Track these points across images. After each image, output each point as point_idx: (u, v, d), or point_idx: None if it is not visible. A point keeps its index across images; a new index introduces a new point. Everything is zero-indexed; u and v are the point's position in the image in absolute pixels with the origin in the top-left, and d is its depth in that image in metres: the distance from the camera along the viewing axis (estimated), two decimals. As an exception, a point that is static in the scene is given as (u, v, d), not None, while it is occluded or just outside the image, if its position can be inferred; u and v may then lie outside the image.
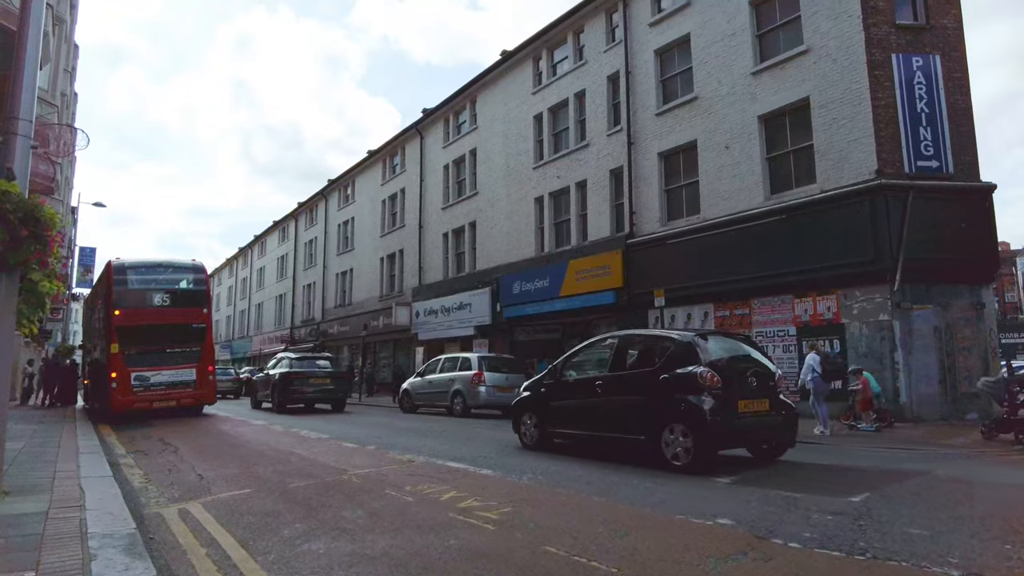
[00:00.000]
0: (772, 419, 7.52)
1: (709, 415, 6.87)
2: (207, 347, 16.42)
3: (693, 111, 17.27)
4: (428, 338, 27.42)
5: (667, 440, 7.21)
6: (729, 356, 7.72)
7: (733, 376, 7.28)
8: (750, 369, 7.59)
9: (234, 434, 11.91)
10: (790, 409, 7.80)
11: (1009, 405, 9.93)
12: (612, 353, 8.63)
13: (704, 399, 6.99)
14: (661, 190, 17.99)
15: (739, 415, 7.17)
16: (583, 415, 8.60)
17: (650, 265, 17.54)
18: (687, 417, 7.07)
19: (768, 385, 7.60)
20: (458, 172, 27.71)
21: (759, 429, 7.55)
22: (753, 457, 8.04)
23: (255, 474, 7.28)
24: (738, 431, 7.28)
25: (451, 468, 7.33)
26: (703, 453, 6.95)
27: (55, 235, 6.09)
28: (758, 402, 7.38)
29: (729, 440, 7.37)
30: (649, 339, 8.81)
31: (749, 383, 7.41)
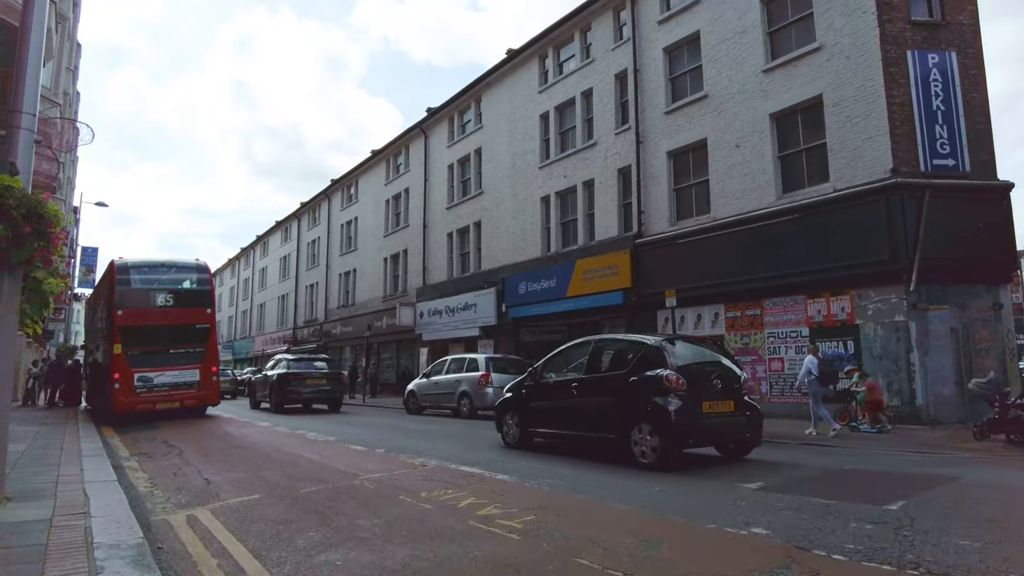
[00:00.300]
0: (737, 419, 7.91)
1: (674, 415, 7.26)
2: (211, 348, 16.23)
3: (703, 109, 17.06)
4: (432, 339, 27.22)
5: (635, 439, 7.64)
6: (695, 360, 8.11)
7: (698, 379, 7.69)
8: (715, 372, 7.95)
9: (239, 436, 11.71)
10: (755, 410, 8.23)
11: (1000, 406, 10.11)
12: (588, 356, 9.01)
13: (670, 400, 7.37)
14: (670, 189, 17.77)
15: (704, 415, 7.54)
16: (560, 415, 9.01)
17: (659, 265, 17.32)
18: (654, 417, 7.45)
19: (733, 387, 8.00)
20: (463, 171, 27.51)
21: (723, 429, 7.93)
22: (721, 456, 8.43)
23: (264, 478, 7.08)
24: (702, 430, 7.66)
25: (465, 473, 7.12)
26: (668, 451, 7.32)
27: (59, 232, 5.90)
28: (723, 403, 7.77)
29: (693, 439, 7.73)
30: (621, 343, 9.05)
31: (714, 385, 7.80)
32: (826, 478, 6.85)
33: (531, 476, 6.86)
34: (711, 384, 7.79)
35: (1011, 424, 9.89)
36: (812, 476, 6.91)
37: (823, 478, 6.84)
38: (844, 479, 6.88)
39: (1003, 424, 10.00)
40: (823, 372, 11.91)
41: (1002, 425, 10.01)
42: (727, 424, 7.87)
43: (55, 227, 5.79)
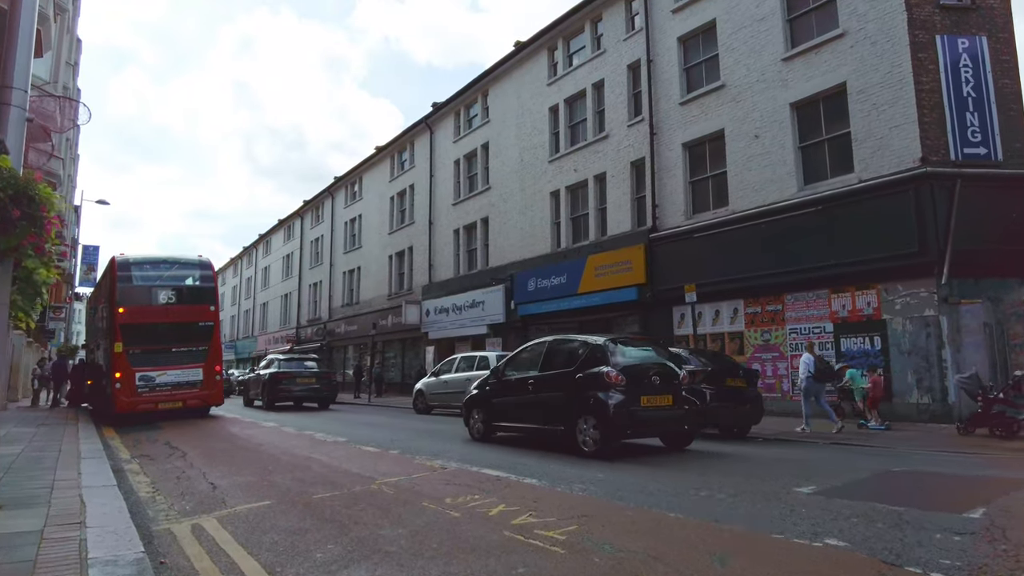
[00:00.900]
0: (674, 412, 8.60)
1: (613, 408, 7.98)
2: (214, 346, 15.77)
3: (720, 99, 16.57)
4: (439, 337, 26.77)
5: (581, 429, 8.33)
6: (637, 358, 8.82)
7: (638, 375, 8.38)
8: (654, 370, 8.62)
9: (244, 437, 11.25)
10: (693, 404, 9.10)
11: (983, 400, 10.31)
12: (543, 355, 9.66)
13: (611, 395, 8.07)
14: (686, 182, 17.29)
15: (642, 408, 8.21)
16: (519, 410, 9.70)
17: (675, 260, 16.84)
18: (595, 410, 8.15)
19: (672, 383, 8.68)
20: (469, 167, 27.04)
21: (661, 421, 8.62)
22: (665, 446, 9.18)
23: (273, 483, 6.61)
24: (640, 422, 8.30)
25: (490, 476, 6.65)
26: (608, 441, 8.09)
27: (52, 217, 5.45)
28: (661, 398, 8.45)
29: (632, 429, 8.35)
30: (572, 343, 9.49)
31: (652, 381, 8.47)
32: (881, 481, 6.37)
33: (561, 480, 6.38)
34: (650, 380, 8.45)
35: (994, 418, 10.15)
36: (864, 479, 6.42)
37: (878, 481, 6.35)
38: (901, 482, 6.39)
39: (986, 419, 10.24)
40: (819, 369, 11.89)
41: (985, 419, 10.25)
42: (665, 416, 8.54)
43: (48, 211, 5.33)
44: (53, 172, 21.24)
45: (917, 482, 6.39)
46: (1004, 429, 10.03)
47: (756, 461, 7.86)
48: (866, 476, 6.57)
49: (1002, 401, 10.20)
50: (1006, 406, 10.13)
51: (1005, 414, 10.09)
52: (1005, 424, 10.05)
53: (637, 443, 9.28)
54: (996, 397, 10.29)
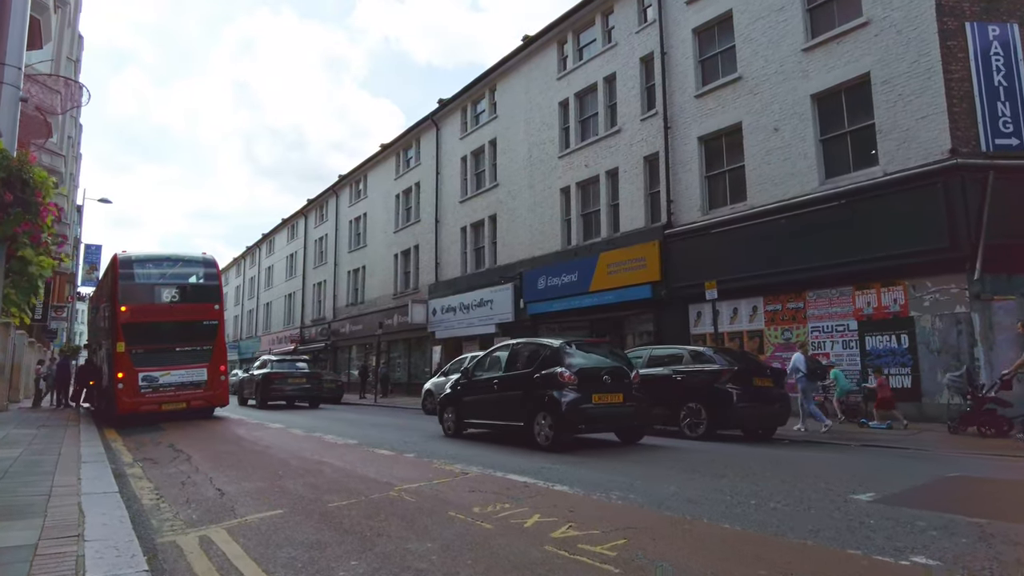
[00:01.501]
0: (624, 409, 9.24)
1: (565, 406, 8.64)
2: (219, 345, 15.38)
3: (737, 92, 16.14)
4: (445, 336, 26.35)
5: (538, 423, 8.99)
6: (591, 359, 9.46)
7: (590, 376, 9.03)
8: (605, 371, 9.28)
9: (252, 440, 10.84)
10: (643, 401, 9.52)
11: (973, 399, 10.33)
12: (506, 357, 10.40)
13: (564, 393, 8.74)
14: (702, 176, 16.85)
15: (593, 406, 8.84)
16: (485, 407, 10.39)
17: (690, 257, 16.41)
18: (550, 407, 8.84)
19: (623, 382, 9.30)
20: (477, 163, 26.63)
21: (611, 417, 9.23)
22: (620, 440, 9.81)
23: (285, 489, 6.20)
24: (591, 418, 8.91)
25: (516, 483, 6.22)
26: (560, 435, 8.72)
27: (48, 204, 5.04)
28: (612, 396, 9.08)
29: (584, 424, 8.93)
30: (532, 345, 10.22)
31: (604, 381, 9.12)
32: (941, 488, 5.94)
33: (595, 487, 5.95)
34: (601, 380, 9.10)
35: (984, 417, 10.15)
36: (923, 485, 5.99)
37: (937, 488, 5.93)
38: (962, 489, 5.98)
39: (976, 417, 10.23)
40: (811, 369, 11.86)
41: (975, 418, 10.25)
42: (615, 413, 9.19)
43: (43, 196, 4.93)
44: (55, 169, 20.88)
45: (978, 489, 5.96)
46: (995, 428, 10.01)
47: (797, 465, 7.42)
48: (923, 482, 6.13)
49: (992, 399, 10.19)
50: (996, 404, 10.13)
51: (996, 412, 10.07)
52: (996, 423, 10.03)
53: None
54: (986, 396, 10.28)
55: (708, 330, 16.06)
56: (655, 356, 11.51)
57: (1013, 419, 10.02)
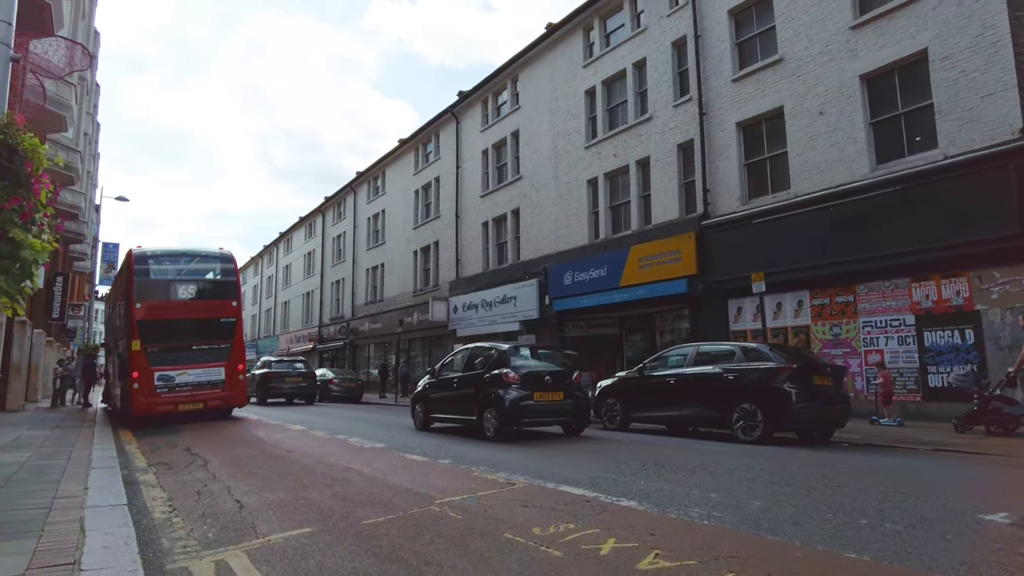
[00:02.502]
0: (564, 405, 10.43)
1: (507, 402, 9.83)
2: (237, 343, 14.79)
3: (777, 74, 15.26)
4: (467, 334, 25.64)
5: (485, 418, 10.21)
6: (533, 363, 10.73)
7: (533, 376, 10.19)
8: (546, 371, 10.47)
9: (272, 442, 10.20)
10: (583, 399, 10.82)
11: (979, 398, 10.23)
12: (466, 359, 11.62)
13: (508, 391, 9.92)
14: (740, 164, 16.00)
15: (534, 403, 9.99)
16: (446, 404, 11.59)
17: (730, 249, 15.57)
18: (495, 403, 10.02)
19: (564, 382, 10.48)
20: (499, 156, 25.90)
21: (551, 412, 10.39)
22: (564, 433, 10.99)
23: (311, 501, 5.51)
24: (532, 412, 10.05)
25: (573, 496, 5.48)
26: (503, 428, 9.90)
27: (41, 175, 4.38)
28: (552, 394, 10.25)
29: (526, 418, 10.06)
30: (485, 349, 11.37)
31: (546, 381, 10.25)
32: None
33: (670, 503, 5.19)
34: (543, 379, 10.23)
35: (991, 415, 10.08)
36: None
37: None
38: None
39: (983, 416, 10.17)
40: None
41: (982, 417, 10.19)
42: (555, 409, 10.38)
43: (35, 167, 4.27)
44: (71, 165, 20.45)
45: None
46: (1001, 426, 9.98)
47: (886, 475, 6.59)
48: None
49: (998, 398, 10.11)
50: (1003, 403, 10.06)
51: (1002, 411, 10.01)
52: (1002, 421, 10.00)
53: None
54: (992, 394, 10.19)
55: (749, 326, 15.23)
56: (703, 353, 10.70)
57: (1020, 416, 9.91)
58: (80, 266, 35.29)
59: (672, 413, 10.80)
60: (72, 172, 20.50)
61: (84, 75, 22.77)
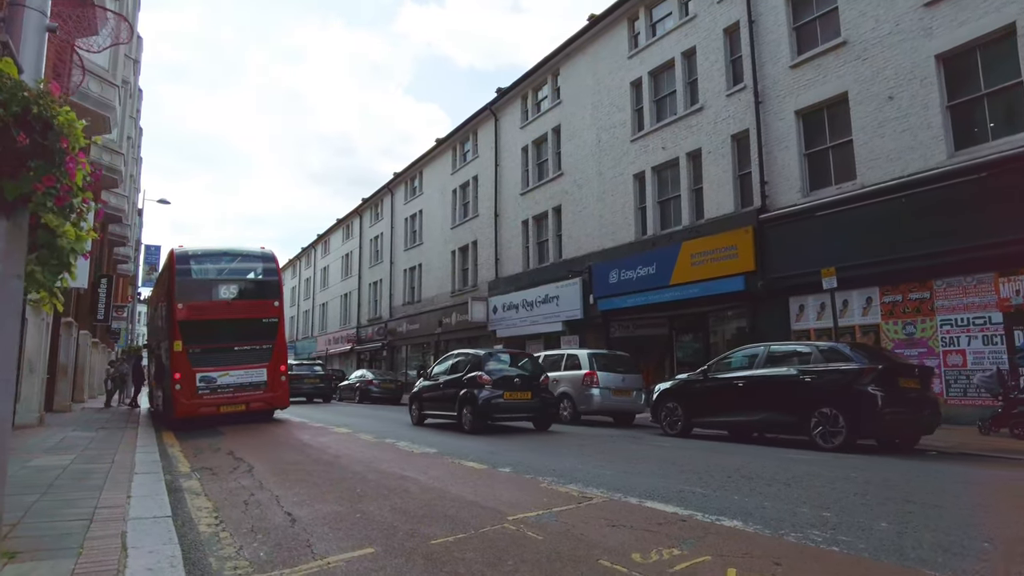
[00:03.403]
0: (532, 404, 12.03)
1: (480, 400, 11.43)
2: (279, 344, 14.50)
3: (840, 58, 14.37)
4: (508, 335, 25.12)
5: (463, 415, 11.80)
6: (505, 367, 12.24)
7: (505, 378, 11.83)
8: (516, 374, 12.10)
9: (317, 446, 9.77)
10: (548, 399, 12.50)
11: (1005, 400, 10.11)
12: (451, 363, 13.36)
13: (482, 392, 11.53)
14: (800, 154, 15.12)
15: (505, 401, 11.60)
16: (435, 403, 13.23)
17: (790, 244, 14.71)
18: (471, 402, 11.56)
19: (532, 384, 12.16)
20: (539, 153, 25.30)
21: (519, 410, 11.94)
22: (534, 428, 12.50)
23: (368, 514, 5.00)
24: (503, 409, 11.69)
25: (663, 514, 4.85)
26: (477, 422, 11.47)
27: (76, 153, 3.94)
28: (521, 394, 11.87)
29: (498, 413, 11.75)
30: (466, 354, 13.13)
31: (515, 382, 11.90)
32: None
33: (779, 523, 4.53)
34: (513, 381, 11.90)
35: (1016, 418, 9.88)
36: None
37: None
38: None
39: (1007, 419, 10.01)
40: None
41: (1006, 420, 10.02)
42: (523, 406, 11.96)
43: (70, 145, 3.82)
44: (114, 167, 20.51)
45: None
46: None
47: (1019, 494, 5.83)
48: None
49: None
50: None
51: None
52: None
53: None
54: (1019, 397, 9.99)
55: (813, 325, 14.36)
56: (775, 354, 9.94)
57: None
58: (123, 269, 35.81)
59: (741, 418, 10.06)
60: (116, 175, 20.55)
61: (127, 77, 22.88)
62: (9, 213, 3.79)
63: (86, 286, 14.31)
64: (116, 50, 18.68)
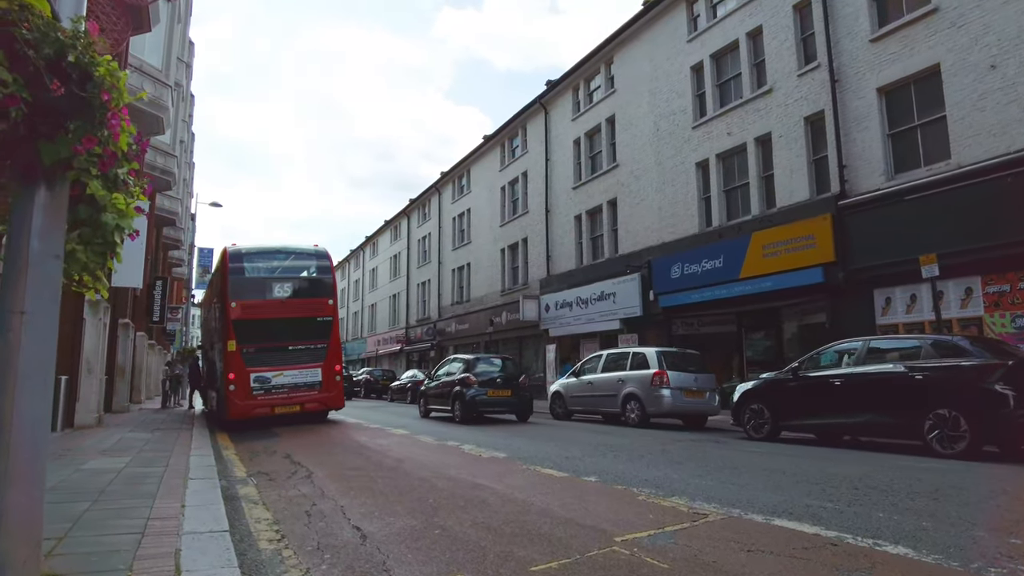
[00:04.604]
0: (511, 400, 14.37)
1: (467, 397, 13.87)
2: (333, 343, 14.12)
3: (931, 27, 13.16)
4: (560, 334, 24.38)
5: (454, 409, 14.22)
6: (489, 369, 14.72)
7: (488, 378, 14.29)
8: (498, 375, 14.49)
9: (376, 449, 9.24)
10: (525, 395, 14.61)
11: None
12: (448, 367, 15.88)
13: (468, 390, 13.93)
14: (884, 134, 13.95)
15: (488, 398, 14.02)
16: (437, 399, 15.54)
17: (875, 231, 13.56)
18: (460, 398, 14.00)
19: (512, 383, 14.49)
20: (592, 145, 24.47)
21: (500, 404, 14.32)
22: (516, 419, 14.67)
23: (449, 531, 4.35)
24: (487, 404, 14.09)
25: (802, 535, 4.06)
26: (465, 415, 13.87)
27: (121, 109, 3.39)
28: (502, 391, 14.24)
29: (483, 408, 14.12)
30: (460, 358, 15.80)
31: (496, 382, 14.27)
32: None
33: (962, 551, 3.70)
34: (495, 381, 14.23)
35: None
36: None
37: None
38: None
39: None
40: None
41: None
42: (503, 402, 14.30)
43: (113, 99, 3.27)
44: (168, 170, 20.57)
45: None
46: None
47: None
48: None
49: None
50: None
51: None
52: None
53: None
54: None
55: (902, 319, 13.20)
56: (876, 349, 8.95)
57: None
58: (178, 272, 36.42)
59: (839, 420, 9.08)
60: (169, 176, 20.61)
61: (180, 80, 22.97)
62: (47, 182, 3.25)
63: (141, 286, 14.16)
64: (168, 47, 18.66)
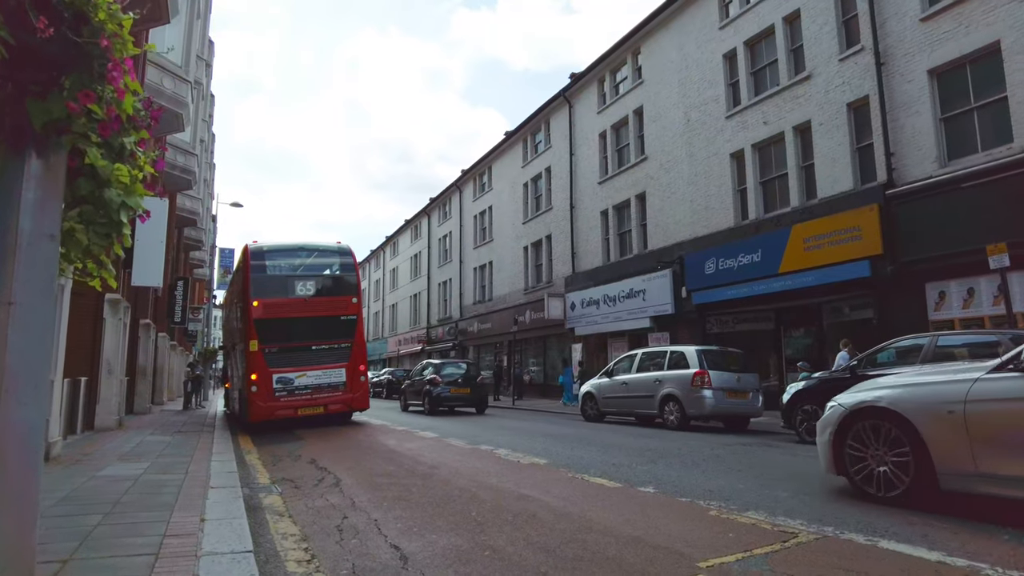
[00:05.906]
0: (470, 396, 17.80)
1: (432, 394, 17.25)
2: (358, 343, 13.68)
3: (988, 3, 12.37)
4: (587, 333, 23.76)
5: (424, 404, 17.70)
6: (452, 370, 18.36)
7: (451, 378, 17.80)
8: (460, 375, 18.09)
9: (406, 454, 8.72)
10: (482, 392, 18.36)
11: None
12: (422, 367, 19.51)
13: (434, 388, 17.28)
14: (936, 119, 13.16)
15: (450, 395, 17.42)
16: (413, 396, 18.95)
17: (926, 222, 12.80)
18: (427, 395, 17.38)
19: (472, 382, 18.03)
20: (618, 138, 23.80)
21: (460, 400, 17.63)
22: (475, 412, 18.12)
23: (500, 552, 3.80)
24: (448, 399, 17.46)
25: (922, 561, 3.45)
26: (432, 409, 17.21)
27: (125, 59, 2.89)
28: (462, 389, 17.66)
29: (445, 404, 17.50)
30: (431, 363, 19.16)
31: (458, 381, 17.77)
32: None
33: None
34: (457, 380, 17.75)
35: None
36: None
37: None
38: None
39: None
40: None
41: None
42: (464, 398, 17.67)
43: (115, 49, 2.76)
44: (188, 168, 20.29)
45: None
46: None
47: None
48: None
49: None
50: None
51: None
52: None
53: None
54: None
55: (957, 314, 12.42)
56: (945, 347, 8.24)
57: None
58: (199, 273, 36.31)
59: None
60: (189, 175, 20.32)
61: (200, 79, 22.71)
62: (39, 148, 2.75)
63: (161, 285, 13.82)
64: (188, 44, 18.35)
